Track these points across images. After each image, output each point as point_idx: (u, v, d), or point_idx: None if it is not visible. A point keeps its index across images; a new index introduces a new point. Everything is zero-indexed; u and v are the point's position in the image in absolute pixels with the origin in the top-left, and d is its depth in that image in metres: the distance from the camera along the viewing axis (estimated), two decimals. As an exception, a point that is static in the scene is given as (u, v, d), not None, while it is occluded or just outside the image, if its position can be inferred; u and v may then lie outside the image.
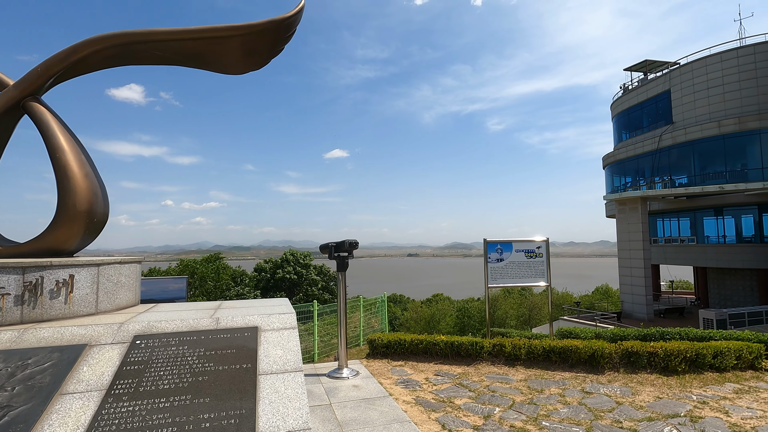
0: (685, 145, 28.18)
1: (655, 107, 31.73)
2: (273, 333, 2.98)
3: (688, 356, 5.13)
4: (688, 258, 29.78)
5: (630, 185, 33.10)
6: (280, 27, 4.30)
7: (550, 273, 6.76)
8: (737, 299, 28.81)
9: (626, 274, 27.68)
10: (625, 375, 5.00)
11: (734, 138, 25.95)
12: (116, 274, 3.47)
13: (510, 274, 6.63)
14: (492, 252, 6.62)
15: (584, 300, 57.83)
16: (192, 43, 4.07)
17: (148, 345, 2.72)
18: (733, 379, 5.13)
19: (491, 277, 6.58)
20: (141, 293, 9.16)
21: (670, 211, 31.73)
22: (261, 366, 2.64)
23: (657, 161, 30.16)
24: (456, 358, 5.83)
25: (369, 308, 15.71)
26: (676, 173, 29.13)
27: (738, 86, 26.24)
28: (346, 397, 4.61)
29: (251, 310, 3.43)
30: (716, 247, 27.89)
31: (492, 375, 5.22)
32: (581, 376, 5.00)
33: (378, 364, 5.85)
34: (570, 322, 25.37)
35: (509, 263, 6.60)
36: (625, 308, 27.68)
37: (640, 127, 33.23)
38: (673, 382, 4.82)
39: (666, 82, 30.20)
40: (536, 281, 6.78)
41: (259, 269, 35.68)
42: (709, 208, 28.90)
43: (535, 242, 6.76)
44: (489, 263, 6.56)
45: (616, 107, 35.91)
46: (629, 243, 27.56)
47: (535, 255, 6.69)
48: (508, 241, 6.75)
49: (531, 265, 6.68)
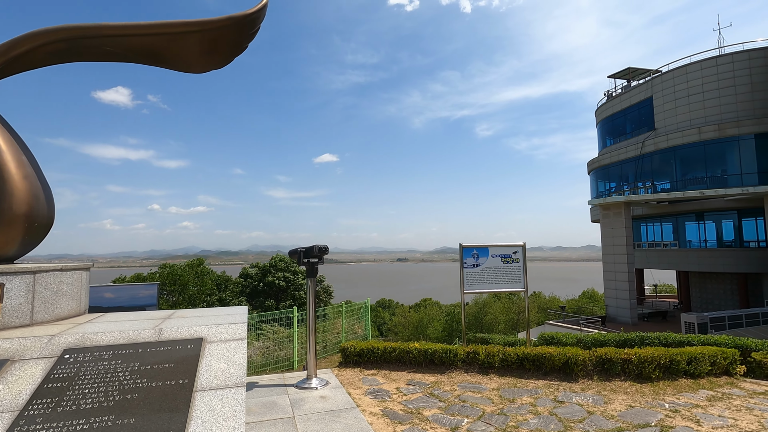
0: (666, 151, 28.64)
1: (638, 114, 32.24)
2: (219, 345, 2.80)
3: (662, 363, 5.05)
4: (670, 262, 30.21)
5: (614, 190, 33.50)
6: (242, 24, 4.14)
7: (527, 278, 6.67)
8: (718, 303, 29.24)
9: (610, 279, 27.92)
10: (599, 383, 4.90)
11: (714, 144, 26.45)
12: (56, 282, 3.24)
13: (486, 280, 6.52)
14: (468, 257, 6.51)
15: (571, 304, 58.31)
16: (146, 39, 3.89)
17: (78, 359, 2.51)
18: (707, 386, 5.06)
19: (467, 283, 6.47)
20: (108, 301, 8.80)
21: (654, 216, 32.19)
22: (199, 381, 2.45)
23: (640, 167, 30.58)
24: (430, 366, 5.68)
25: (353, 314, 15.46)
26: (658, 179, 29.57)
27: (717, 94, 26.80)
28: (311, 409, 4.42)
29: (202, 319, 3.24)
30: (698, 252, 28.33)
31: (465, 384, 5.08)
32: (555, 384, 4.88)
33: (350, 373, 5.67)
34: (555, 326, 25.45)
35: (485, 269, 6.50)
36: (609, 312, 27.88)
37: (624, 133, 33.73)
38: (646, 390, 4.73)
39: (648, 90, 30.72)
40: (513, 286, 6.68)
41: (245, 275, 35.18)
42: (690, 213, 29.38)
43: (512, 247, 6.67)
44: (465, 269, 6.44)
45: (600, 114, 36.42)
46: (613, 248, 27.84)
47: (512, 260, 6.59)
48: (484, 246, 6.66)
49: (507, 271, 6.58)
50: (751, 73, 25.98)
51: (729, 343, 7.80)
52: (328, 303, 34.34)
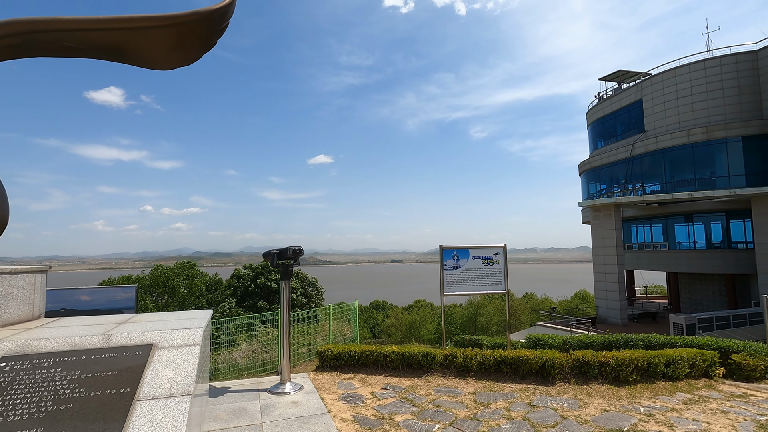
0: (656, 153, 28.85)
1: (628, 116, 32.46)
2: (170, 351, 2.68)
3: (639, 366, 5.00)
4: (660, 263, 30.40)
5: (605, 192, 33.69)
6: (210, 19, 4.02)
7: (508, 280, 6.59)
8: (707, 304, 29.46)
9: (601, 280, 28.03)
10: (575, 386, 4.83)
11: (702, 146, 26.67)
12: (5, 285, 3.11)
13: (467, 282, 6.43)
14: (448, 259, 6.42)
15: (564, 305, 58.53)
16: (108, 34, 3.76)
17: (14, 368, 2.39)
18: (684, 389, 5.02)
19: (447, 285, 6.37)
20: (84, 304, 8.59)
21: (644, 217, 32.41)
22: (142, 390, 2.33)
23: (630, 169, 30.78)
24: (408, 369, 5.59)
25: (343, 315, 15.32)
26: (648, 180, 29.77)
27: (705, 96, 27.05)
28: (281, 415, 4.31)
29: (159, 324, 3.12)
30: (687, 253, 28.54)
31: (441, 388, 4.99)
32: (531, 388, 4.81)
33: (326, 377, 5.56)
34: (546, 327, 25.48)
35: (466, 270, 6.41)
36: (600, 313, 27.99)
37: (614, 135, 33.95)
38: (623, 393, 4.67)
39: (638, 92, 30.95)
40: (493, 288, 6.60)
41: (237, 275, 34.91)
42: (679, 214, 29.62)
43: (493, 248, 6.59)
44: (445, 270, 6.34)
45: (591, 116, 36.64)
46: (603, 249, 27.96)
47: (493, 262, 6.51)
48: (464, 248, 6.58)
49: (488, 273, 6.50)
50: (738, 76, 26.25)
51: (711, 345, 7.79)
52: (319, 304, 34.08)
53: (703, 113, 26.92)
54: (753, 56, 26.16)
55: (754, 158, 25.09)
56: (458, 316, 50.58)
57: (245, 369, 11.56)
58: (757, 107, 25.76)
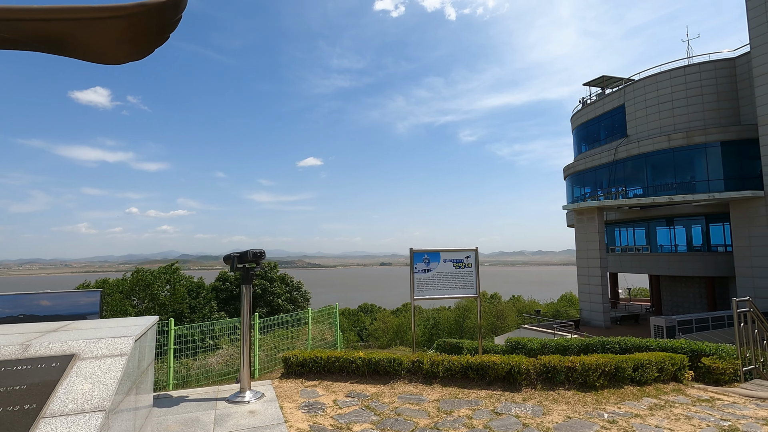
0: (638, 157, 29.26)
1: (611, 121, 32.93)
2: (92, 362, 2.49)
3: (607, 371, 4.93)
4: (642, 266, 30.79)
5: (589, 195, 34.06)
6: (161, 10, 3.84)
7: (479, 283, 6.50)
8: (688, 306, 29.91)
9: (584, 283, 28.26)
10: (541, 392, 4.73)
11: (683, 151, 27.13)
12: None
13: (438, 286, 6.32)
14: (419, 262, 6.31)
15: (550, 307, 58.96)
16: (49, 25, 3.56)
17: None
18: (652, 393, 4.96)
19: (417, 289, 6.25)
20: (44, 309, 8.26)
21: (627, 221, 32.83)
22: (51, 406, 2.14)
23: (613, 173, 31.18)
24: (374, 376, 5.43)
25: (325, 319, 15.09)
26: (630, 184, 30.17)
27: (686, 102, 27.55)
28: (235, 426, 4.12)
29: (90, 332, 2.92)
30: (668, 256, 28.95)
31: (405, 395, 4.85)
32: (497, 395, 4.69)
33: (290, 385, 5.38)
34: (530, 330, 25.57)
35: (437, 274, 6.30)
36: (583, 316, 28.20)
37: (598, 139, 34.39)
38: (589, 399, 4.58)
39: (621, 97, 31.41)
40: (465, 292, 6.50)
41: (223, 278, 34.35)
42: (661, 218, 30.06)
43: (464, 252, 6.50)
44: (415, 274, 6.23)
45: (576, 120, 37.08)
46: (587, 252, 28.21)
47: (464, 265, 6.42)
48: (435, 251, 6.47)
49: (460, 276, 6.41)
50: (717, 83, 26.81)
51: (684, 348, 7.80)
52: (305, 308, 33.67)
53: (684, 118, 27.42)
54: (731, 63, 26.75)
55: (732, 163, 25.59)
56: (445, 319, 50.62)
57: (219, 375, 11.28)
58: (735, 113, 26.32)
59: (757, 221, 22.83)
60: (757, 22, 22.95)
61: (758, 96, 22.79)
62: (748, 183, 24.13)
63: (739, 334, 6.36)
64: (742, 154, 25.12)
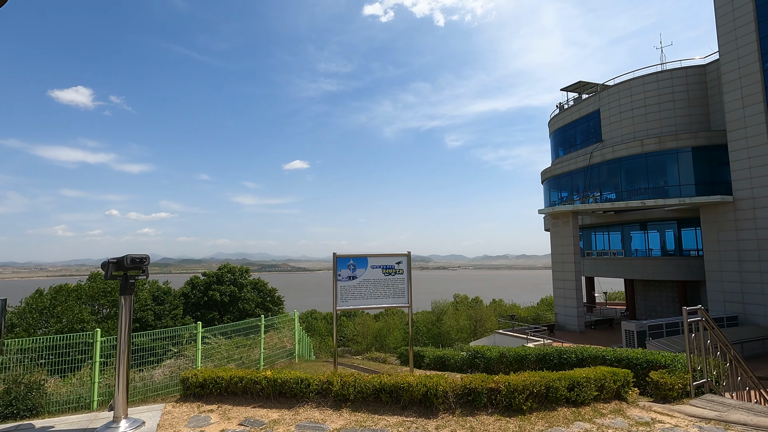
0: (612, 162, 29.32)
1: (587, 126, 33.02)
2: None
3: (536, 391, 4.39)
4: (617, 270, 30.79)
5: (566, 200, 34.05)
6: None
7: (411, 291, 5.90)
8: (661, 310, 30.00)
9: (559, 287, 28.08)
10: (460, 417, 4.16)
11: (655, 156, 27.24)
12: None
13: (364, 294, 5.75)
14: (343, 269, 5.71)
15: (530, 311, 59.02)
16: None
17: None
18: (588, 416, 4.43)
19: (341, 298, 5.64)
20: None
21: (602, 225, 32.86)
22: None
23: (588, 177, 31.21)
24: (280, 398, 4.80)
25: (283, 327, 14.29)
26: (605, 189, 30.22)
27: (658, 108, 27.72)
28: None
29: None
30: (642, 260, 29.00)
31: (306, 423, 4.22)
32: (409, 421, 4.10)
33: (184, 410, 4.70)
34: (504, 336, 25.19)
35: (363, 281, 5.75)
36: (558, 320, 27.98)
37: (574, 144, 34.45)
38: (511, 426, 4.03)
39: (596, 103, 31.51)
40: (396, 301, 5.94)
41: (192, 283, 33.16)
42: (635, 222, 30.14)
43: (395, 257, 5.93)
44: (339, 282, 5.62)
45: (553, 125, 37.15)
46: (562, 256, 28.06)
47: (395, 272, 5.87)
48: (362, 256, 5.93)
49: (390, 284, 5.87)
50: (688, 89, 27.05)
51: (640, 358, 7.37)
52: (277, 314, 32.77)
53: (656, 124, 27.57)
54: (701, 70, 27.03)
55: (702, 168, 25.77)
56: (423, 323, 50.08)
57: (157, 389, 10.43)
58: (705, 119, 26.56)
59: (725, 225, 22.94)
60: (726, 30, 23.18)
61: (727, 102, 22.97)
62: (718, 188, 24.28)
63: (689, 344, 5.92)
64: (713, 159, 25.31)
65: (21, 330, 20.16)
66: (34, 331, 19.93)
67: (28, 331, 19.92)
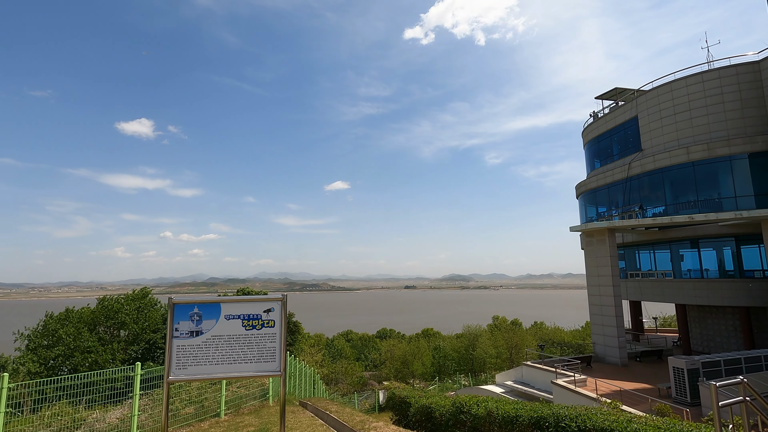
0: (654, 173, 26.52)
1: (624, 134, 30.34)
2: None
3: None
4: (665, 294, 27.36)
5: (605, 215, 31.20)
6: None
7: (285, 352, 4.37)
8: (720, 341, 26.22)
9: (596, 313, 25.26)
10: None
11: (704, 165, 24.27)
12: None
13: (213, 357, 4.21)
14: (182, 320, 4.22)
15: (574, 335, 54.55)
16: None
17: None
18: None
19: (177, 363, 4.11)
20: None
21: (646, 242, 29.62)
22: None
23: (628, 190, 28.41)
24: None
25: None
26: (647, 202, 27.29)
27: (705, 111, 24.85)
28: None
29: None
30: (694, 282, 25.54)
31: None
32: None
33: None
34: (532, 368, 22.71)
35: (212, 338, 4.24)
36: (597, 351, 25.05)
37: (611, 155, 31.76)
38: None
39: (633, 109, 28.92)
40: (261, 368, 4.27)
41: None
42: (684, 239, 26.80)
43: (263, 302, 4.42)
44: (175, 339, 4.17)
45: (587, 135, 34.61)
46: (598, 278, 25.32)
47: (261, 323, 4.33)
48: (213, 302, 4.35)
49: (252, 341, 4.27)
50: (740, 89, 24.07)
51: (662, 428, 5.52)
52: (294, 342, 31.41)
53: (704, 129, 24.65)
54: (755, 67, 24.03)
55: (763, 177, 22.57)
56: (453, 348, 47.29)
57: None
58: (763, 121, 23.40)
59: (795, 243, 19.62)
60: (781, 19, 20.34)
61: (788, 100, 19.97)
62: (783, 199, 21.02)
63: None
64: (775, 166, 22.09)
65: (29, 351, 20.48)
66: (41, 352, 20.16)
67: (36, 352, 20.15)
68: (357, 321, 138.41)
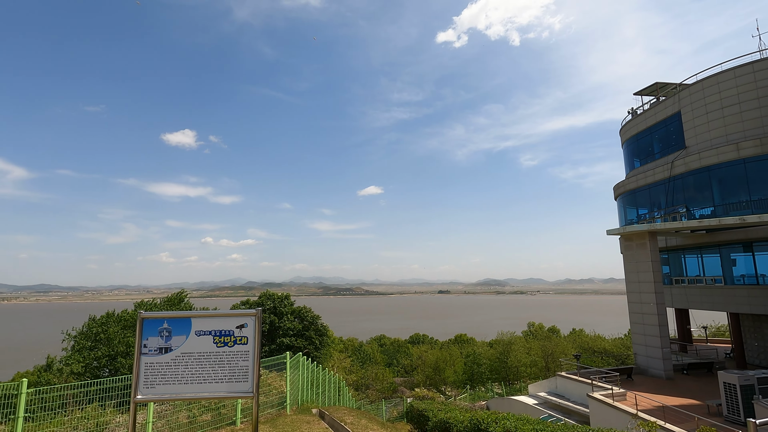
0: (700, 171, 24.75)
1: (666, 131, 28.57)
2: None
3: None
4: (714, 302, 25.36)
5: (646, 218, 29.44)
6: None
7: (258, 371, 4.21)
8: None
9: (637, 321, 23.76)
10: None
11: (757, 162, 22.40)
12: None
13: (181, 376, 4.08)
14: (151, 336, 4.12)
15: (617, 343, 51.74)
16: None
17: None
18: None
19: (145, 382, 4.01)
20: None
21: (693, 246, 27.64)
22: None
23: (670, 190, 26.66)
24: None
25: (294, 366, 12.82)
26: (692, 203, 25.49)
27: (757, 104, 22.99)
28: None
29: None
30: (748, 289, 23.51)
31: None
32: None
33: None
34: (567, 379, 21.62)
35: (182, 356, 4.10)
36: (638, 362, 23.54)
37: (651, 153, 29.99)
38: None
39: (675, 104, 27.18)
40: (231, 389, 4.16)
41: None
42: (736, 243, 24.77)
43: (236, 317, 4.23)
44: (144, 356, 4.08)
45: (626, 132, 32.89)
46: (639, 284, 23.84)
47: (233, 340, 4.19)
48: (183, 317, 4.21)
49: (224, 359, 4.13)
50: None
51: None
52: (320, 347, 31.28)
53: (755, 123, 22.79)
54: (813, 54, 21.95)
55: (824, 173, 20.52)
56: (486, 356, 45.97)
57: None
58: (824, 113, 21.32)
59: None
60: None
61: None
62: None
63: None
64: (839, 161, 20.02)
65: (75, 352, 21.63)
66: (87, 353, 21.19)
67: (81, 353, 21.25)
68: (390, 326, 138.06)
